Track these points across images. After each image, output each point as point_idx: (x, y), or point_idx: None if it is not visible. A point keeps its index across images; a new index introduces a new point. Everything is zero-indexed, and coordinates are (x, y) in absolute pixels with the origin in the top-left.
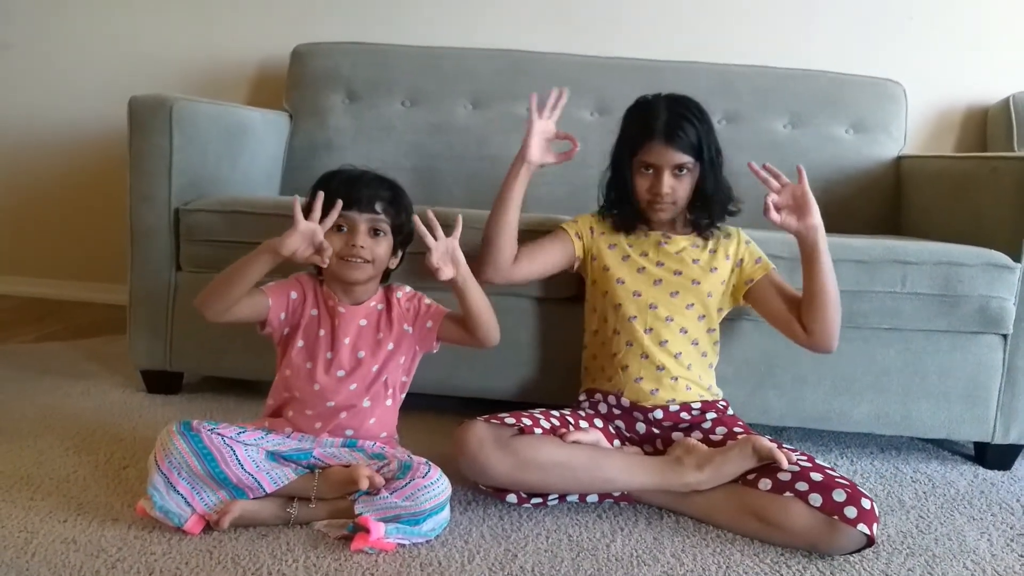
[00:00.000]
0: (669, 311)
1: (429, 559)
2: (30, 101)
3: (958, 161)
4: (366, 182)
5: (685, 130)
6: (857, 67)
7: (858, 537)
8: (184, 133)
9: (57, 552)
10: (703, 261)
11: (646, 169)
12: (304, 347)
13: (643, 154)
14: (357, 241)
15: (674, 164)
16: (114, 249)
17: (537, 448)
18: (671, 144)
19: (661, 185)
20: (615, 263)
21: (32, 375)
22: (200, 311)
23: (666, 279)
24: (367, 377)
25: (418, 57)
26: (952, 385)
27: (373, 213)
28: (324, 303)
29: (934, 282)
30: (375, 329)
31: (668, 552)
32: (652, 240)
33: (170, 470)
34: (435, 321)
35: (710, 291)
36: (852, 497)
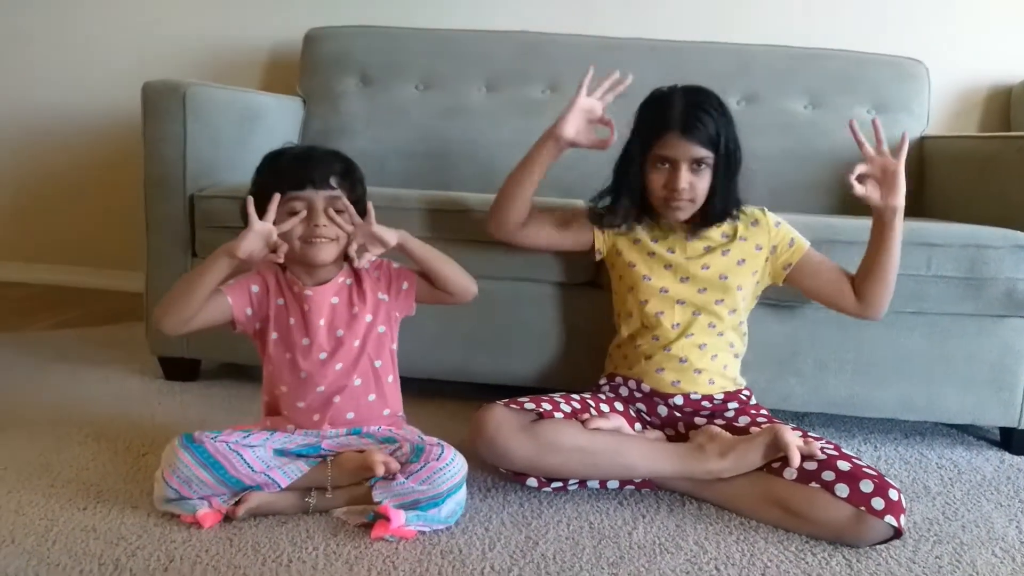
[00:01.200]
0: (697, 306)
1: (450, 546)
2: (45, 88)
3: (983, 141)
4: (317, 159)
5: (703, 121)
6: (878, 46)
7: (885, 529)
8: (198, 119)
9: (77, 540)
10: (732, 253)
11: (662, 164)
12: (279, 339)
13: (659, 147)
14: (318, 221)
15: (692, 158)
16: (130, 236)
17: (557, 432)
18: (688, 136)
19: (678, 180)
20: (640, 259)
21: (49, 362)
22: (158, 326)
23: (694, 275)
24: (351, 354)
25: (432, 40)
26: (978, 370)
27: (330, 189)
28: (289, 290)
29: (960, 265)
30: (348, 304)
31: (691, 539)
32: (679, 235)
33: (180, 485)
34: (410, 282)
35: (740, 284)
36: (879, 488)
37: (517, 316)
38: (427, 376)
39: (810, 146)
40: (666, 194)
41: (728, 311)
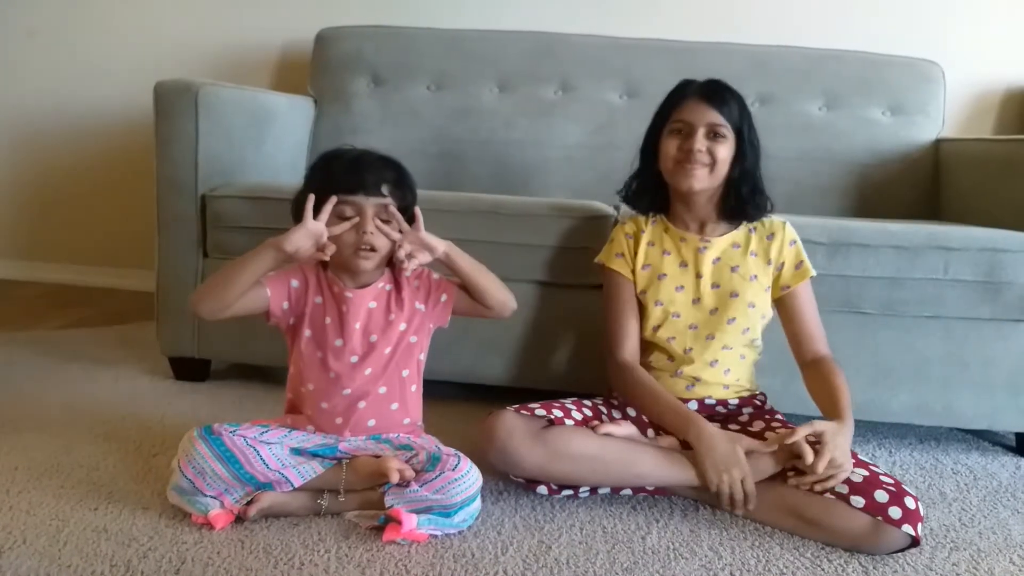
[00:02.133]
0: (710, 329)
1: (462, 550)
2: (56, 87)
3: (1000, 144)
4: (370, 165)
5: (723, 95)
6: (894, 47)
7: (903, 537)
8: (210, 118)
9: (88, 540)
10: (743, 269)
11: (679, 132)
12: (312, 336)
13: (677, 113)
14: (367, 227)
15: (709, 122)
16: (141, 235)
17: (568, 440)
18: (707, 101)
19: (694, 140)
20: (651, 284)
21: (60, 362)
22: (194, 309)
23: (705, 296)
24: (381, 360)
25: (443, 40)
26: (994, 374)
27: (380, 196)
28: (329, 289)
29: (977, 268)
30: (385, 311)
31: (705, 545)
32: (691, 246)
33: (195, 475)
34: (449, 294)
35: (752, 301)
36: (896, 497)
37: (533, 318)
38: (439, 379)
39: (825, 148)
40: (681, 157)
41: (741, 330)
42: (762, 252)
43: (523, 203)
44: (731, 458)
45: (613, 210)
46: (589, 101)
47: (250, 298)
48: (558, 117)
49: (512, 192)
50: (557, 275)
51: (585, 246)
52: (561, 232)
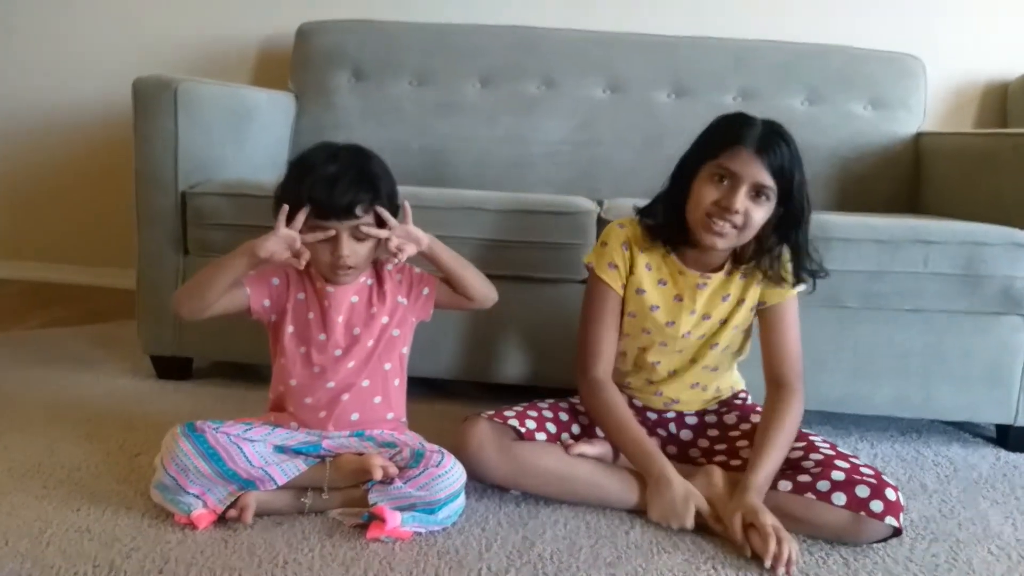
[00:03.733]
0: (695, 355)
1: (446, 547)
2: (34, 84)
3: (979, 138)
4: (343, 188)
5: (780, 149)
6: (875, 42)
7: (885, 529)
8: (189, 115)
9: (72, 541)
10: (733, 295)
11: (720, 179)
12: (295, 332)
13: (724, 159)
14: (341, 251)
15: (756, 181)
16: (120, 233)
17: (538, 456)
18: (760, 156)
19: (735, 198)
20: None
21: (39, 362)
22: (175, 311)
23: (695, 328)
24: (364, 352)
25: (425, 35)
26: (974, 367)
27: (354, 219)
28: (312, 285)
29: (956, 262)
30: (367, 304)
31: (688, 539)
32: (689, 282)
33: (178, 472)
34: (431, 288)
35: (737, 324)
36: (876, 490)
37: (515, 315)
38: (424, 375)
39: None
40: (714, 211)
41: (723, 351)
42: (749, 275)
43: (506, 199)
44: (676, 510)
45: (596, 205)
46: (572, 96)
47: (230, 298)
48: (541, 113)
49: (495, 188)
50: (540, 271)
51: (568, 242)
52: (544, 228)
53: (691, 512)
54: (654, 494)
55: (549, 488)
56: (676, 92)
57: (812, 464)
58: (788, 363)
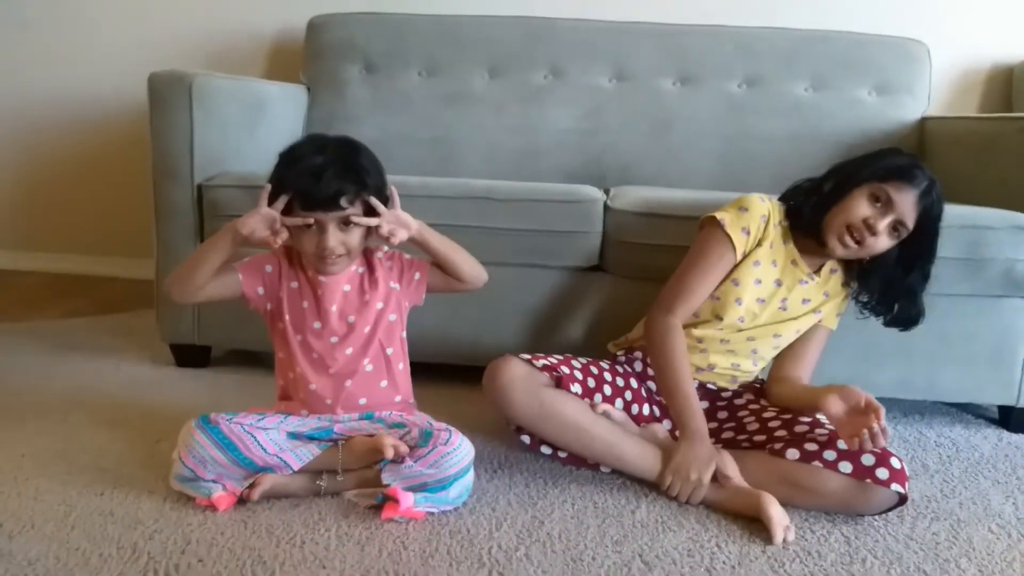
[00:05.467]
0: (756, 344)
1: (458, 526)
2: (50, 78)
3: (983, 122)
4: (328, 178)
5: (933, 199)
6: (879, 27)
7: (891, 496)
8: (204, 109)
9: (95, 524)
10: (812, 303)
11: (875, 200)
12: (292, 320)
13: (891, 186)
14: (327, 243)
15: (900, 212)
16: (137, 223)
17: (563, 405)
18: (921, 200)
19: (877, 224)
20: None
21: (60, 352)
22: (169, 293)
23: (773, 317)
24: (360, 339)
25: (434, 26)
26: (977, 349)
27: (339, 210)
28: (304, 273)
29: (959, 246)
30: (360, 292)
31: (693, 518)
32: (797, 273)
33: (196, 464)
34: (422, 272)
35: (799, 328)
36: (881, 458)
37: (524, 301)
38: (435, 361)
39: (813, 129)
40: (857, 225)
41: (776, 346)
42: (834, 294)
43: (515, 188)
44: (700, 463)
45: (603, 194)
46: (579, 86)
47: (222, 283)
48: (548, 102)
49: (503, 177)
50: (549, 259)
51: (576, 230)
52: (552, 217)
53: (711, 470)
54: (684, 445)
55: (567, 437)
56: (682, 80)
57: (818, 436)
58: (803, 367)
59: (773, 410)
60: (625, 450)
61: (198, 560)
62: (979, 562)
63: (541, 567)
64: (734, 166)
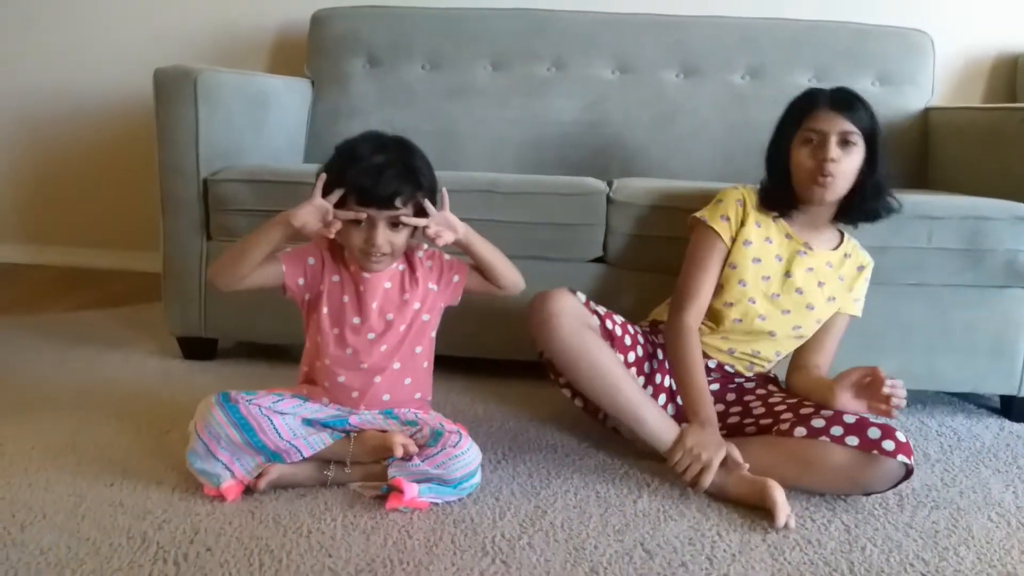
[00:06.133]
0: (774, 327)
1: (462, 516)
2: (56, 73)
3: (986, 112)
4: (388, 178)
5: (853, 103)
6: (883, 17)
7: (897, 467)
8: (209, 103)
9: (105, 514)
10: (827, 287)
11: (808, 141)
12: (329, 313)
13: (808, 121)
14: (376, 240)
15: (841, 130)
16: (144, 217)
17: (601, 351)
18: (838, 110)
19: (828, 150)
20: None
21: (69, 344)
22: (212, 282)
23: (784, 295)
24: (396, 338)
25: (437, 19)
26: (978, 339)
27: (393, 209)
28: (347, 269)
29: (960, 236)
30: (400, 290)
31: (694, 507)
32: (793, 245)
33: (210, 439)
34: (461, 275)
35: (820, 318)
36: (887, 432)
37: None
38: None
39: None
40: (813, 166)
41: (798, 337)
42: (848, 279)
43: (518, 180)
44: (710, 446)
45: (606, 186)
46: (581, 78)
47: (266, 272)
48: (551, 94)
49: (507, 170)
50: (552, 251)
51: (579, 223)
52: (555, 209)
53: (721, 454)
54: (696, 428)
55: (595, 382)
56: (685, 72)
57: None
58: (824, 358)
59: (780, 395)
60: (648, 412)
61: (206, 549)
62: (978, 550)
63: (544, 556)
64: (737, 157)
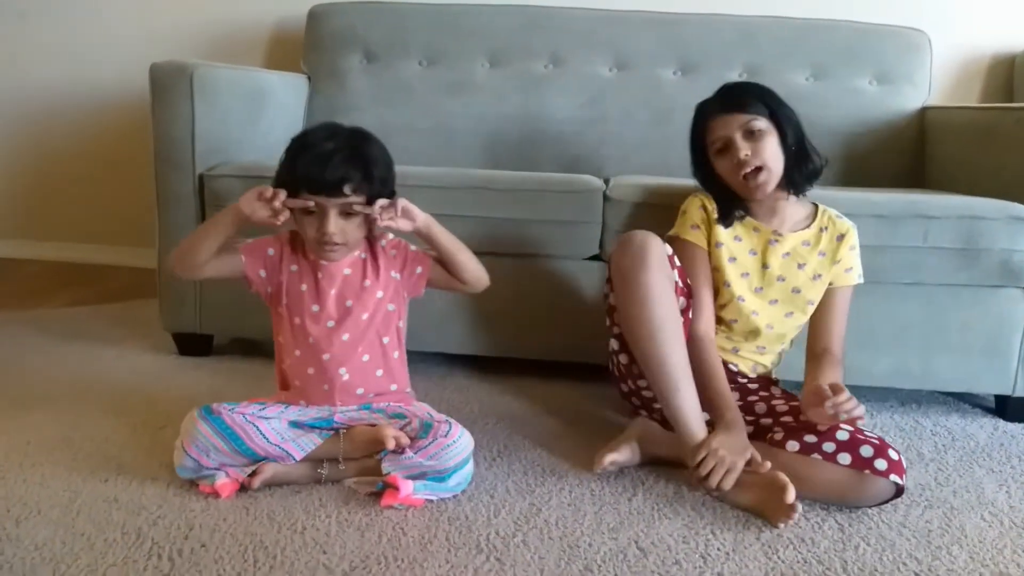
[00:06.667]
0: (768, 319)
1: (456, 513)
2: (51, 68)
3: (982, 112)
4: (335, 164)
5: (738, 92)
6: (880, 16)
7: (888, 487)
8: (205, 99)
9: (100, 510)
10: (809, 267)
11: (720, 152)
12: (290, 303)
13: (709, 134)
14: (327, 228)
15: (740, 126)
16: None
17: (672, 308)
18: (728, 111)
19: (738, 151)
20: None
21: (64, 340)
22: (171, 269)
23: (767, 287)
24: (358, 326)
25: (434, 15)
26: (973, 339)
27: (343, 197)
28: (305, 257)
29: (956, 236)
30: (361, 277)
31: (688, 505)
32: (763, 237)
33: (199, 454)
34: (424, 267)
35: (811, 299)
36: (879, 450)
37: (523, 291)
38: (434, 351)
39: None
40: (735, 170)
41: (796, 325)
42: (830, 252)
43: (514, 178)
44: (737, 448)
45: (603, 183)
46: (579, 74)
47: (225, 262)
48: (549, 91)
49: (504, 166)
50: (549, 248)
51: (576, 220)
52: (552, 206)
53: (746, 457)
54: (723, 431)
55: (642, 331)
56: (682, 69)
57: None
58: (834, 339)
59: (782, 398)
60: (683, 395)
61: (201, 545)
62: (971, 549)
63: (538, 553)
64: None
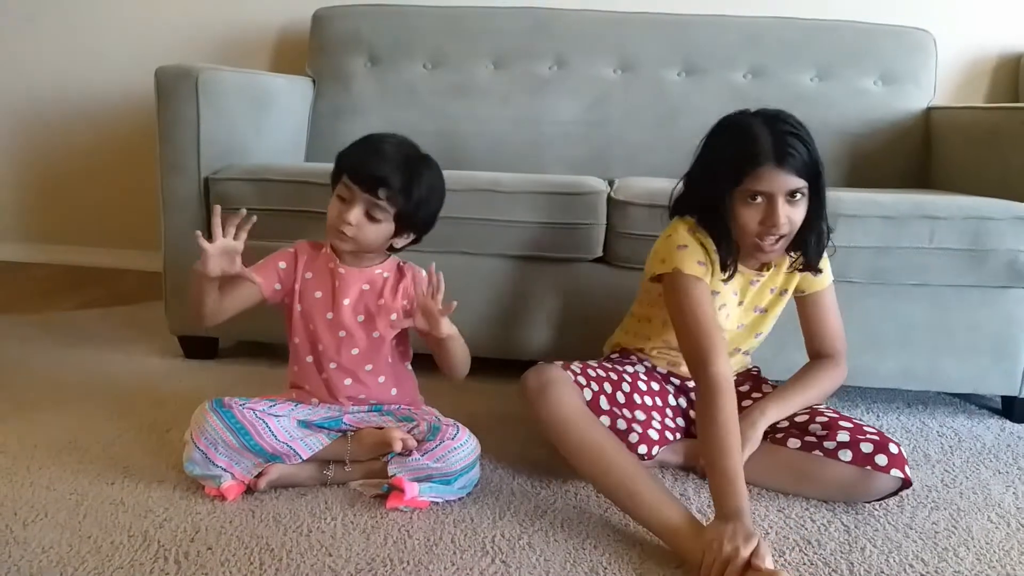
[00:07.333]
0: (738, 344)
1: (462, 516)
2: (58, 72)
3: (988, 112)
4: (379, 162)
5: (797, 149)
6: (885, 16)
7: (891, 482)
8: (210, 102)
9: (107, 513)
10: (778, 286)
11: (753, 199)
12: (303, 311)
13: (751, 180)
14: (348, 218)
15: (788, 189)
16: (148, 216)
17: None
18: (783, 166)
19: (777, 216)
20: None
21: (72, 343)
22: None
23: (746, 320)
24: (366, 342)
25: (438, 17)
26: (980, 340)
27: (374, 196)
28: (324, 265)
29: (962, 237)
30: (377, 295)
31: (694, 507)
32: (745, 279)
33: (207, 447)
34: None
35: (775, 313)
36: (879, 446)
37: (527, 292)
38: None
39: (817, 118)
40: (761, 231)
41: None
42: (789, 289)
43: (519, 180)
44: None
45: (607, 185)
46: (584, 77)
47: (243, 296)
48: (553, 93)
49: (509, 169)
50: (554, 250)
51: (581, 222)
52: (557, 208)
53: (751, 546)
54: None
55: (582, 456)
56: (687, 71)
57: (819, 427)
58: (831, 341)
59: None
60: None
61: (207, 548)
62: (977, 551)
63: (544, 555)
64: None
